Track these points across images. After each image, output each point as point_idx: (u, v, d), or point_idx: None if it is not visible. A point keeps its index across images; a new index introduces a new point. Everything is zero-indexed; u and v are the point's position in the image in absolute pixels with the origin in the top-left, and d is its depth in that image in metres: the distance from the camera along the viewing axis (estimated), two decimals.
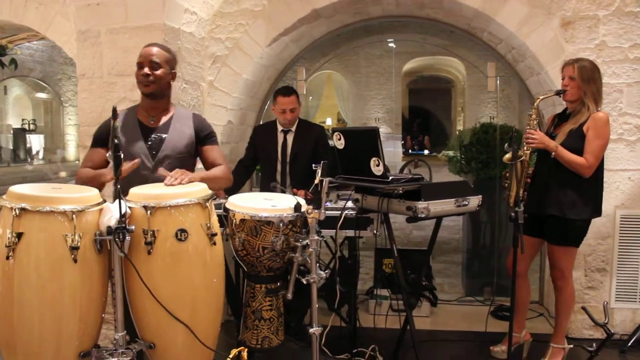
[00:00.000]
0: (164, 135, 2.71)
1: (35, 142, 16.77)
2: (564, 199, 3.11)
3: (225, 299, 2.62)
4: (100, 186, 2.52)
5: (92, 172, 2.62)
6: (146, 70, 2.66)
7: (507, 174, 3.28)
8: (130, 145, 2.67)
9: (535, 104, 3.21)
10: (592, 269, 3.77)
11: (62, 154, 17.27)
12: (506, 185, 3.27)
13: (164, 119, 2.76)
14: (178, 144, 2.73)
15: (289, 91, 3.84)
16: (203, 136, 2.82)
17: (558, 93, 3.17)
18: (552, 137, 3.18)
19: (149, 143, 2.69)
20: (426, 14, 4.33)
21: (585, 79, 3.09)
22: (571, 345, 3.35)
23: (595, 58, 3.63)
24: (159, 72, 2.67)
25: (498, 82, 4.83)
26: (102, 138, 2.68)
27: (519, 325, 3.44)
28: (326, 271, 2.57)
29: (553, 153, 3.08)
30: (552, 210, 3.13)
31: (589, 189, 3.12)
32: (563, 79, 3.18)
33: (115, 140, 2.05)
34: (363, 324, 3.55)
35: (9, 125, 16.44)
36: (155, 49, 2.71)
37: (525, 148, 3.15)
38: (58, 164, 16.16)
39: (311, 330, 2.50)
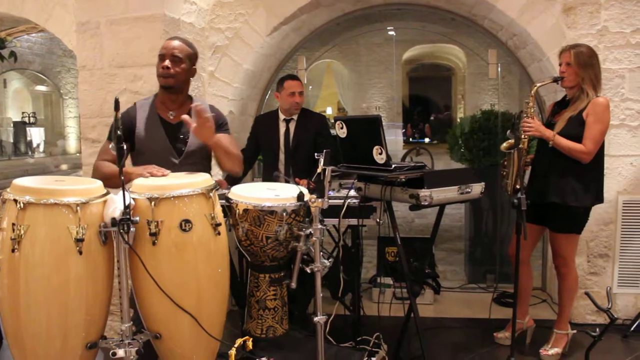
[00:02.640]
0: (187, 133, 2.69)
1: (36, 135, 16.76)
2: (564, 187, 3.11)
3: (229, 289, 2.62)
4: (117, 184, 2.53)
5: (114, 168, 2.57)
6: (167, 63, 2.65)
7: (506, 162, 3.28)
8: (152, 140, 2.69)
9: (532, 92, 3.20)
10: (595, 254, 3.78)
11: (62, 146, 17.26)
12: (504, 173, 3.27)
13: (184, 113, 2.71)
14: (199, 140, 2.69)
15: (296, 77, 3.92)
16: (218, 125, 2.77)
17: (555, 80, 3.16)
18: (552, 125, 3.18)
19: (175, 139, 2.70)
20: (427, 1, 4.31)
21: (582, 65, 3.08)
22: (574, 331, 3.37)
23: (597, 44, 3.62)
24: (179, 67, 2.68)
25: (499, 69, 4.81)
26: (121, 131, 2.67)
27: (522, 311, 3.45)
28: (329, 260, 2.58)
29: (551, 142, 3.08)
30: (553, 198, 3.13)
31: (589, 175, 3.12)
32: (560, 65, 3.17)
33: (118, 132, 2.05)
34: (367, 312, 3.57)
35: (9, 119, 16.42)
36: (177, 43, 2.70)
37: (522, 136, 3.15)
38: (59, 156, 16.15)
39: (316, 319, 2.51)
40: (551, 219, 3.22)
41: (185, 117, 2.54)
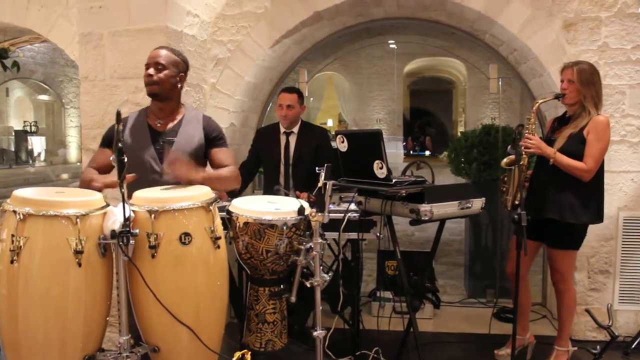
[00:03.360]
0: (172, 139, 2.69)
1: (37, 144, 16.80)
2: (562, 202, 3.09)
3: (229, 301, 2.61)
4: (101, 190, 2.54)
5: (92, 175, 2.61)
6: (150, 71, 2.66)
7: (506, 178, 3.27)
8: (139, 149, 2.67)
9: (534, 108, 3.20)
10: (595, 271, 3.76)
11: (63, 155, 17.29)
12: (504, 189, 3.27)
13: (173, 122, 2.74)
14: (187, 147, 2.68)
15: (291, 89, 3.92)
16: (211, 138, 2.77)
17: (557, 97, 3.15)
18: (551, 141, 3.17)
19: (157, 147, 2.67)
20: (428, 15, 4.33)
21: (584, 82, 3.07)
22: (575, 348, 3.35)
23: (597, 60, 3.63)
24: (162, 74, 2.66)
25: (500, 83, 4.83)
26: (110, 139, 2.67)
27: (523, 327, 3.43)
28: (329, 274, 2.57)
29: (552, 160, 3.07)
30: (551, 214, 3.12)
31: (588, 192, 3.10)
32: (562, 81, 3.16)
33: (119, 144, 2.06)
34: (366, 327, 3.55)
35: (11, 127, 16.47)
36: (163, 52, 2.71)
37: (523, 153, 3.13)
38: (59, 165, 16.17)
39: (315, 333, 2.50)
40: (549, 235, 3.21)
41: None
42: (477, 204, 2.90)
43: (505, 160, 3.24)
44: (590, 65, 3.14)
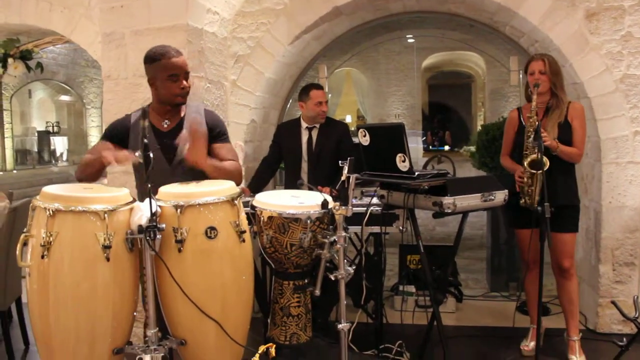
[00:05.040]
0: (174, 141, 2.63)
1: (59, 144, 17.01)
2: (567, 188, 3.26)
3: (254, 296, 2.63)
4: (98, 171, 2.56)
5: (91, 156, 2.56)
6: (185, 83, 2.63)
7: (526, 179, 3.22)
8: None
9: (533, 106, 3.21)
10: (620, 263, 3.73)
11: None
12: (530, 191, 3.21)
13: (176, 121, 2.71)
14: None
15: (320, 86, 3.97)
16: (215, 134, 2.73)
17: (536, 86, 3.21)
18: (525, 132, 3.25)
19: (167, 147, 2.64)
20: (447, 9, 4.31)
21: (555, 72, 3.24)
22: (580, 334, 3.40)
23: (620, 49, 3.60)
24: (189, 81, 2.66)
25: (520, 76, 4.79)
26: (114, 134, 2.69)
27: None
28: (352, 267, 2.58)
29: (556, 150, 3.16)
30: (561, 200, 3.20)
31: (574, 175, 3.35)
32: (532, 73, 3.25)
33: (145, 140, 2.08)
34: (389, 320, 3.56)
35: (34, 128, 16.70)
36: (183, 58, 2.64)
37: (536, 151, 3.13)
38: None
39: (339, 326, 2.51)
40: (561, 221, 3.21)
41: (183, 135, 2.54)
42: (500, 196, 2.89)
43: (528, 160, 3.17)
44: (552, 56, 3.34)
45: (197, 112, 2.76)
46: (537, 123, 3.07)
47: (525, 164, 3.18)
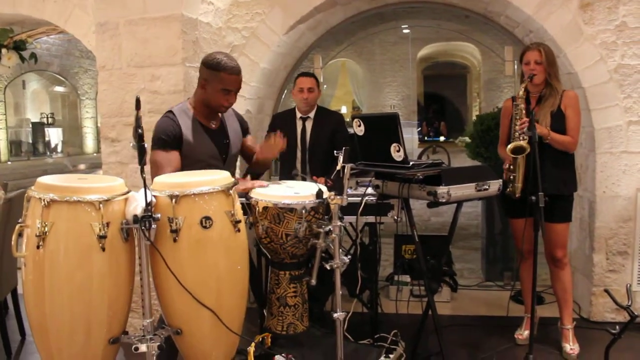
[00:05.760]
0: (227, 139, 2.88)
1: (54, 135, 16.96)
2: (559, 177, 3.25)
3: (250, 285, 2.64)
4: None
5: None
6: (234, 98, 2.76)
7: (511, 167, 3.24)
8: (201, 146, 2.75)
9: (521, 93, 3.24)
10: (614, 252, 3.75)
11: (80, 146, 17.44)
12: (512, 177, 3.24)
13: (219, 120, 2.89)
14: (238, 142, 2.96)
15: (309, 74, 3.98)
16: (245, 128, 3.06)
17: (530, 78, 3.22)
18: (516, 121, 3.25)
19: (217, 145, 2.82)
20: None
21: (550, 62, 3.24)
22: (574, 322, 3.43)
23: (615, 39, 3.61)
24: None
25: (515, 66, 4.79)
26: (176, 139, 2.69)
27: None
28: (347, 257, 2.59)
29: (547, 139, 3.16)
30: (549, 190, 3.14)
31: (572, 164, 3.34)
32: (528, 63, 3.25)
33: (140, 130, 2.08)
34: (384, 310, 3.58)
35: (28, 120, 16.63)
36: (241, 76, 2.76)
37: (521, 138, 3.15)
38: (76, 157, 16.31)
39: (335, 316, 2.52)
40: (554, 211, 3.22)
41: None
42: (494, 185, 2.90)
43: (510, 146, 3.19)
44: (549, 46, 3.33)
45: (230, 114, 2.98)
46: (531, 111, 3.09)
47: (508, 149, 3.20)
